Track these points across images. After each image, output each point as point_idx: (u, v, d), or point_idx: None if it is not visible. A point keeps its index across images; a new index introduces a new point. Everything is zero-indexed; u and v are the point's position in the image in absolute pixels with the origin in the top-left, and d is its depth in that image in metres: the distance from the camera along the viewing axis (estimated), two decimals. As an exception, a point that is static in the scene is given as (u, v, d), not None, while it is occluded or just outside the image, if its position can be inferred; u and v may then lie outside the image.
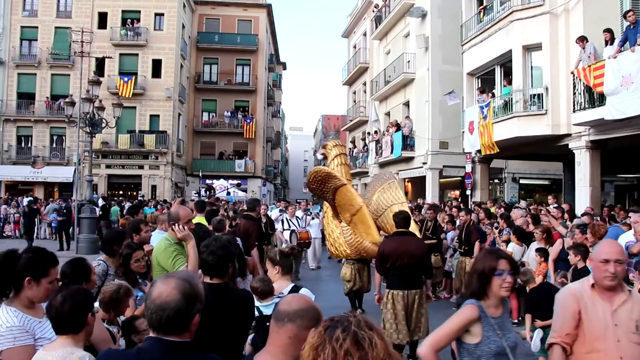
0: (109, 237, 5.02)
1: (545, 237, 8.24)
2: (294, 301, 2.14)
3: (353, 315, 1.76)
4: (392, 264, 6.35)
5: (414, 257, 6.31)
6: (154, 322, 2.07)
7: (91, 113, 17.62)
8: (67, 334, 2.55)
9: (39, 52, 34.23)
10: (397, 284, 6.40)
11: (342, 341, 1.66)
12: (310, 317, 2.08)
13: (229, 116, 40.43)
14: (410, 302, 6.33)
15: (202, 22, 41.41)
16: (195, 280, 2.20)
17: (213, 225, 7.24)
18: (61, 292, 2.61)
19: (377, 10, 30.76)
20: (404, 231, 6.63)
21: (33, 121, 34.02)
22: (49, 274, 2.93)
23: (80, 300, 2.59)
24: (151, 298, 2.08)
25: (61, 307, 2.53)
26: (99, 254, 5.22)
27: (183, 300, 2.06)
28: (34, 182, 33.69)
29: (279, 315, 2.11)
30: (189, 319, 2.10)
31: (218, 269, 3.30)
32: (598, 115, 12.25)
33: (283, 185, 72.02)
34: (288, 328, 2.06)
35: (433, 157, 23.34)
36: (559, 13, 14.86)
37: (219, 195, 28.97)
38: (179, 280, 2.12)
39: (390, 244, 6.61)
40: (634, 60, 10.91)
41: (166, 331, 2.07)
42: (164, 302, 2.05)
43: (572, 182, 15.35)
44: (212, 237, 3.83)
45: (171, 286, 2.08)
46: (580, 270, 6.26)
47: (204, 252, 3.33)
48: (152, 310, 2.06)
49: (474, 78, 19.46)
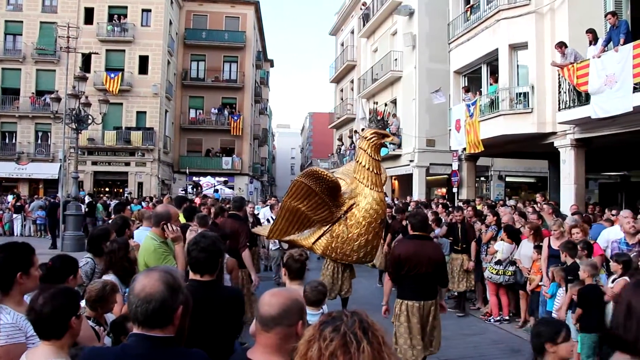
0: (95, 235, 4.98)
1: (534, 234, 8.35)
2: (274, 301, 2.12)
3: (350, 314, 1.67)
4: (408, 271, 5.60)
5: (431, 264, 5.63)
6: (139, 316, 2.07)
7: (77, 109, 17.46)
8: (50, 339, 2.46)
9: (24, 47, 33.84)
10: (412, 294, 5.67)
11: (328, 341, 1.59)
12: (294, 313, 2.10)
13: (216, 113, 40.29)
14: (426, 314, 5.66)
15: (189, 19, 41.17)
16: (176, 273, 2.22)
17: (197, 221, 7.21)
18: (42, 294, 2.52)
19: (365, 8, 30.80)
20: (420, 234, 5.88)
21: (17, 117, 33.62)
22: (34, 262, 2.98)
23: (62, 303, 2.49)
24: (134, 292, 2.08)
25: (41, 310, 2.45)
26: (84, 251, 5.18)
27: (167, 292, 2.07)
28: (18, 178, 33.29)
29: (264, 320, 2.10)
30: (173, 311, 2.10)
31: (209, 265, 3.29)
32: (583, 113, 12.37)
33: (270, 183, 71.94)
34: (276, 331, 2.08)
35: (420, 154, 23.43)
36: (544, 12, 14.99)
37: (206, 192, 28.85)
38: (161, 272, 2.14)
39: (406, 247, 5.79)
40: (618, 59, 11.03)
41: (151, 324, 2.07)
42: (148, 294, 2.05)
43: (557, 180, 15.49)
44: (199, 233, 3.83)
45: (154, 278, 2.09)
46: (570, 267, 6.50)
47: (194, 249, 3.31)
48: (137, 304, 2.06)
49: (461, 76, 19.58)
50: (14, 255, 2.94)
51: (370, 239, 7.66)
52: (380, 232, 7.95)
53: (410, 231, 6.00)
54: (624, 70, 10.84)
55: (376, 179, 7.62)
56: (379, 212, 7.57)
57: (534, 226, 8.50)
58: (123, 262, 4.40)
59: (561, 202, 13.84)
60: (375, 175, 7.61)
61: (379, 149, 7.84)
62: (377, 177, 7.64)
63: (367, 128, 8.32)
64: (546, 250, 7.72)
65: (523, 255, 8.46)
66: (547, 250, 7.69)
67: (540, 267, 7.88)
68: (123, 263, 4.39)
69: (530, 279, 8.14)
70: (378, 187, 7.62)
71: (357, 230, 7.55)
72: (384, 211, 7.89)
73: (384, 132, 7.88)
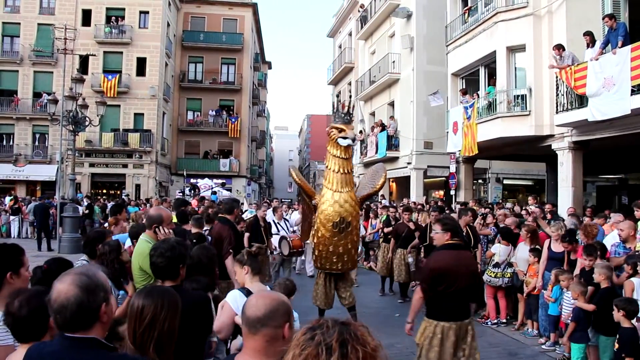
0: (90, 237, 5.00)
1: (530, 237, 8.35)
2: (260, 303, 2.12)
3: (333, 324, 1.59)
4: (447, 287, 4.76)
5: (470, 277, 4.92)
6: (59, 323, 2.06)
7: (74, 111, 17.43)
8: (29, 342, 2.42)
9: (21, 49, 33.79)
10: (449, 313, 4.83)
11: (301, 350, 1.54)
12: (281, 314, 2.09)
13: (214, 115, 40.26)
14: (462, 336, 4.86)
15: (187, 21, 41.18)
16: (92, 271, 2.19)
17: (192, 224, 7.17)
18: (17, 297, 2.50)
19: (363, 10, 30.81)
20: (456, 243, 5.05)
21: (15, 118, 33.57)
22: (24, 262, 3.01)
23: (38, 304, 2.43)
24: (52, 300, 2.06)
25: (18, 313, 2.43)
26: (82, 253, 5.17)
27: (83, 293, 2.05)
28: (15, 180, 33.22)
29: (251, 322, 2.09)
30: (95, 311, 2.08)
31: (168, 271, 3.26)
32: (580, 116, 12.37)
33: (268, 185, 71.95)
34: (263, 333, 2.06)
35: (417, 157, 23.44)
36: (542, 15, 15.00)
37: (204, 194, 28.80)
38: (75, 275, 2.12)
39: (444, 259, 4.89)
40: (616, 62, 11.03)
41: (73, 328, 2.05)
42: (64, 299, 2.03)
43: (554, 183, 15.49)
44: (161, 240, 3.80)
45: (67, 283, 2.07)
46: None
47: (153, 255, 3.28)
48: (55, 311, 2.04)
49: (459, 79, 19.58)
50: (3, 255, 2.95)
51: (337, 242, 7.29)
52: (350, 234, 7.39)
53: (442, 237, 5.05)
54: (621, 72, 10.84)
55: (341, 179, 7.28)
56: (339, 213, 7.18)
57: (530, 229, 8.50)
58: (115, 264, 4.40)
59: (559, 205, 13.83)
60: (340, 175, 7.29)
61: (339, 144, 7.36)
62: (343, 177, 7.30)
63: (332, 122, 7.80)
64: (546, 252, 7.70)
65: (519, 258, 8.45)
66: (547, 252, 7.68)
67: (536, 270, 7.88)
68: (114, 265, 4.39)
69: (527, 281, 8.14)
70: (341, 187, 7.27)
71: (321, 232, 7.33)
72: (348, 211, 7.28)
73: (340, 126, 7.38)
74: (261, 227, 9.67)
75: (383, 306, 10.38)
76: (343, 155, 7.36)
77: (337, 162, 7.33)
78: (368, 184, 8.45)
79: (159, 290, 2.59)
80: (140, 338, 2.36)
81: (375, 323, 8.36)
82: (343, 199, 7.22)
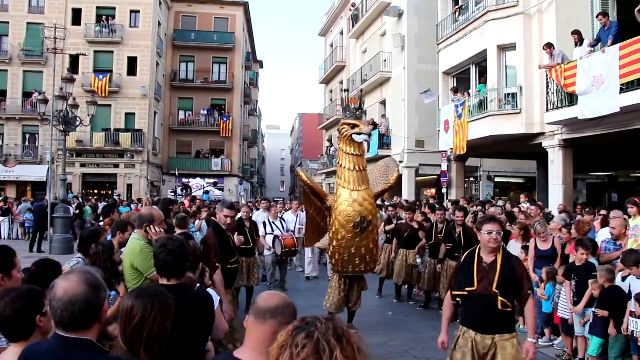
0: (85, 236, 4.97)
1: (522, 234, 8.36)
2: (271, 298, 2.17)
3: (324, 321, 1.60)
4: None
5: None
6: (65, 319, 2.08)
7: (65, 111, 17.31)
8: (17, 341, 2.42)
9: (10, 48, 33.52)
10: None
11: (300, 348, 1.53)
12: (289, 313, 2.12)
13: (205, 114, 40.13)
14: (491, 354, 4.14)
15: (178, 20, 41.01)
16: (94, 271, 2.27)
17: (176, 223, 7.04)
18: (3, 297, 2.48)
19: (354, 9, 30.84)
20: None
21: (4, 118, 33.30)
22: (15, 263, 3.02)
23: (23, 304, 2.42)
24: (57, 297, 2.08)
25: (3, 312, 2.41)
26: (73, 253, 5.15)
27: (90, 291, 2.10)
28: (5, 181, 32.94)
29: (259, 311, 2.12)
30: (99, 308, 2.14)
31: (177, 268, 3.22)
32: (570, 114, 12.46)
33: (260, 184, 71.83)
34: (270, 324, 2.09)
35: (409, 155, 23.51)
36: (532, 14, 15.09)
37: (195, 193, 28.75)
38: (80, 273, 2.18)
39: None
40: (604, 60, 11.12)
41: (77, 326, 2.08)
42: (72, 296, 2.07)
43: (545, 180, 15.59)
44: (167, 236, 3.78)
45: (75, 280, 2.12)
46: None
47: (162, 252, 3.21)
48: (62, 308, 2.07)
49: (450, 77, 19.66)
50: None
51: (358, 243, 7.01)
52: (371, 232, 7.16)
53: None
54: (610, 71, 10.93)
55: (357, 177, 7.02)
56: (359, 212, 6.91)
57: (522, 226, 8.51)
58: (107, 264, 4.39)
59: (549, 202, 13.94)
60: (356, 173, 7.03)
61: (352, 140, 7.08)
62: (359, 174, 7.04)
63: (343, 118, 7.50)
64: (532, 251, 7.73)
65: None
66: (534, 251, 7.71)
67: (527, 267, 7.91)
68: (107, 265, 4.37)
69: (518, 279, 8.14)
70: (359, 185, 7.01)
71: (340, 234, 7.02)
72: (368, 209, 7.04)
73: (352, 122, 7.10)
74: (245, 228, 9.22)
75: (376, 304, 10.35)
76: (357, 151, 7.10)
77: (351, 160, 7.07)
78: (379, 179, 8.15)
79: (150, 291, 2.58)
80: (130, 338, 2.37)
81: (368, 321, 8.36)
82: (362, 197, 6.97)
